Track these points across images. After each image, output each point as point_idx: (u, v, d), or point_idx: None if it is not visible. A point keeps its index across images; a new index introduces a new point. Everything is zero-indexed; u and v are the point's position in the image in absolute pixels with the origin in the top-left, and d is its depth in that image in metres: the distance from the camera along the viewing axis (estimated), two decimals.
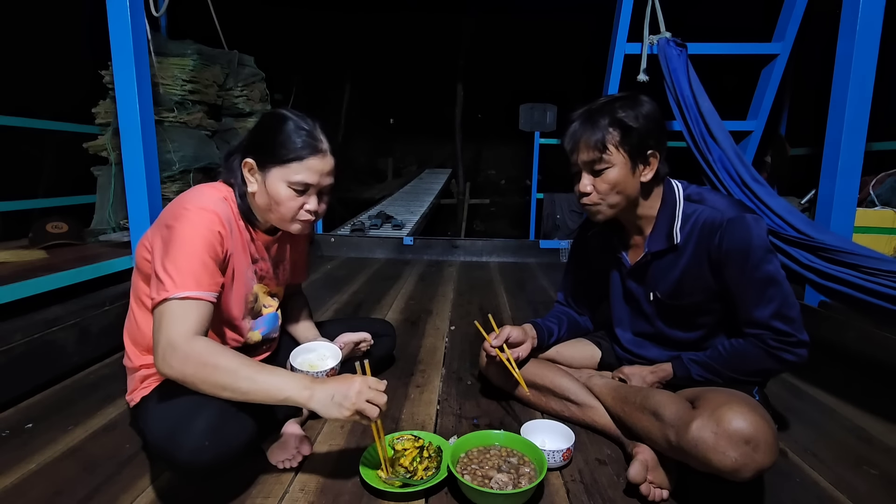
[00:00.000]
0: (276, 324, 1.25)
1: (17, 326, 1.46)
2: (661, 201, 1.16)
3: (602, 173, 1.10)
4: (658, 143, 1.11)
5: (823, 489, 1.05)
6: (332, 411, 0.89)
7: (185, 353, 0.88)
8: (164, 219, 1.01)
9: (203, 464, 0.87)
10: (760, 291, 1.06)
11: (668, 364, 1.20)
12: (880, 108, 1.82)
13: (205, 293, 0.94)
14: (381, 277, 3.09)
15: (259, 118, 1.14)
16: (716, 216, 1.08)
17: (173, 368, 0.88)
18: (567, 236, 4.01)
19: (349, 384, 0.91)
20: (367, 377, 0.94)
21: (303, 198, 1.04)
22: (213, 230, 0.98)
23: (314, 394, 0.89)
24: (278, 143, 1.02)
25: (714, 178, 1.89)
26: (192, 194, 1.03)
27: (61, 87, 3.18)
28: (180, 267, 0.92)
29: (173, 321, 0.90)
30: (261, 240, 1.14)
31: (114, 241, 2.29)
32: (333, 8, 7.78)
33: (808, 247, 1.52)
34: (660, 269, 1.18)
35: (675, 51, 2.15)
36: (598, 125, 1.08)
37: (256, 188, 1.05)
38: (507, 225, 9.07)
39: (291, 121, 1.03)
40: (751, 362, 1.10)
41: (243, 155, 1.07)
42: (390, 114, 10.63)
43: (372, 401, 0.91)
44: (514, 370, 1.27)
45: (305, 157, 1.01)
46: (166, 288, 0.91)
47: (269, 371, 0.91)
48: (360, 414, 0.90)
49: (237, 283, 1.09)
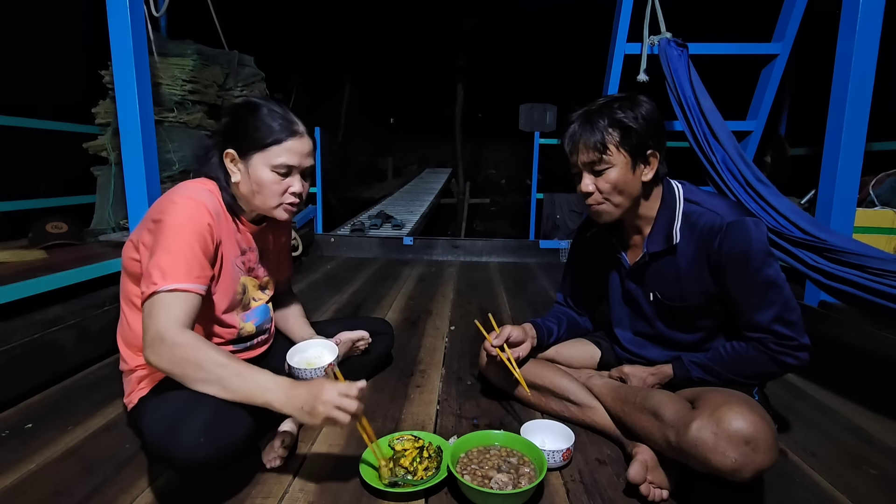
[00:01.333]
0: (268, 315, 1.26)
1: (17, 326, 1.46)
2: (661, 201, 1.16)
3: (603, 173, 1.10)
4: (657, 142, 1.11)
5: (823, 489, 1.05)
6: (304, 418, 0.89)
7: (172, 342, 0.89)
8: (151, 214, 1.02)
9: (200, 461, 0.87)
10: (761, 295, 1.05)
11: (668, 366, 1.20)
12: (880, 108, 1.82)
13: (193, 285, 0.95)
14: (381, 277, 3.09)
15: (230, 110, 1.15)
16: (715, 219, 1.08)
17: (162, 358, 0.89)
18: (567, 236, 4.02)
19: (317, 392, 0.89)
20: (338, 384, 0.92)
21: (287, 180, 1.07)
22: (202, 221, 0.99)
23: (289, 400, 0.89)
24: (256, 130, 1.04)
25: (718, 178, 1.89)
26: (179, 188, 1.04)
27: (61, 86, 3.18)
28: (170, 258, 0.93)
29: (162, 312, 0.91)
30: (248, 230, 1.15)
31: (114, 241, 2.28)
32: (333, 9, 7.78)
33: (814, 247, 1.51)
34: (659, 270, 1.18)
35: (676, 51, 2.15)
36: (597, 126, 1.08)
37: (240, 177, 1.07)
38: (507, 225, 9.07)
39: (264, 106, 1.06)
40: (752, 365, 1.10)
41: (222, 147, 1.09)
42: (390, 114, 10.64)
43: (342, 407, 0.89)
44: (515, 370, 1.27)
45: (284, 140, 1.04)
46: (154, 280, 0.92)
47: (256, 371, 0.92)
48: (332, 422, 0.89)
49: (226, 275, 1.09)
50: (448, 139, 9.57)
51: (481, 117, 10.10)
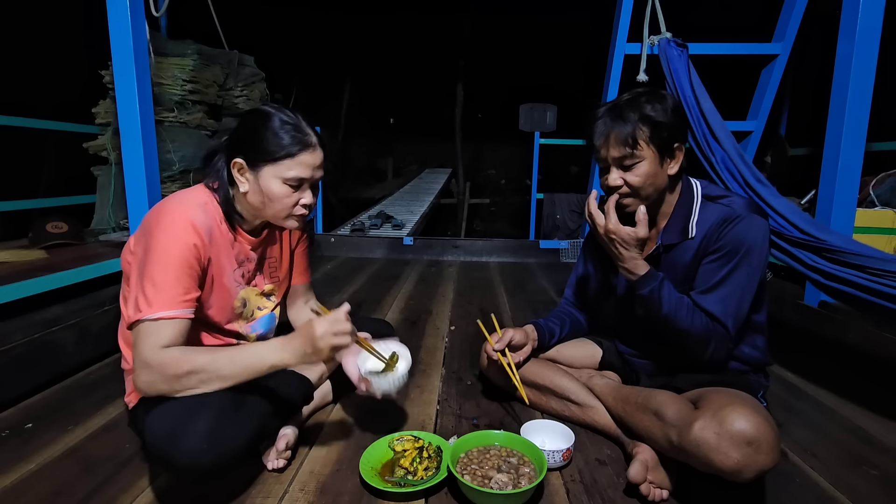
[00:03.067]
0: (273, 323, 1.25)
1: (17, 326, 1.46)
2: (679, 196, 1.18)
3: (632, 168, 1.11)
4: (683, 136, 1.13)
5: (823, 489, 1.05)
6: (312, 360, 0.93)
7: (158, 363, 0.90)
8: (146, 225, 1.01)
9: (201, 466, 0.87)
10: (720, 284, 1.08)
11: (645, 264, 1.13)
12: (880, 108, 1.82)
13: (178, 311, 0.94)
14: (381, 277, 3.09)
15: (241, 117, 1.12)
16: (730, 213, 1.09)
17: (154, 383, 0.91)
18: (567, 236, 4.02)
19: (311, 333, 0.92)
20: (324, 317, 0.95)
21: (297, 193, 1.05)
22: (188, 244, 0.97)
23: (291, 354, 0.93)
24: (267, 141, 1.01)
25: (717, 178, 1.89)
26: (171, 203, 1.02)
27: (61, 86, 3.18)
28: (153, 288, 0.93)
29: (145, 341, 0.91)
30: (246, 241, 1.13)
31: (114, 241, 2.28)
32: (333, 9, 7.78)
33: (813, 248, 1.52)
34: (670, 263, 1.19)
35: (676, 51, 2.15)
36: (628, 120, 1.09)
37: (248, 187, 1.05)
38: (507, 225, 9.08)
39: (276, 117, 1.03)
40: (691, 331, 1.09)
41: (230, 155, 1.06)
42: (390, 114, 10.64)
43: (338, 333, 0.92)
44: (515, 377, 1.27)
45: (297, 154, 1.02)
46: (140, 308, 0.92)
47: (243, 349, 0.94)
48: (337, 349, 0.93)
49: (219, 291, 1.08)
50: (448, 139, 9.58)
51: (481, 117, 10.10)
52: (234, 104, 2.97)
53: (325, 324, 0.93)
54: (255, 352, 0.95)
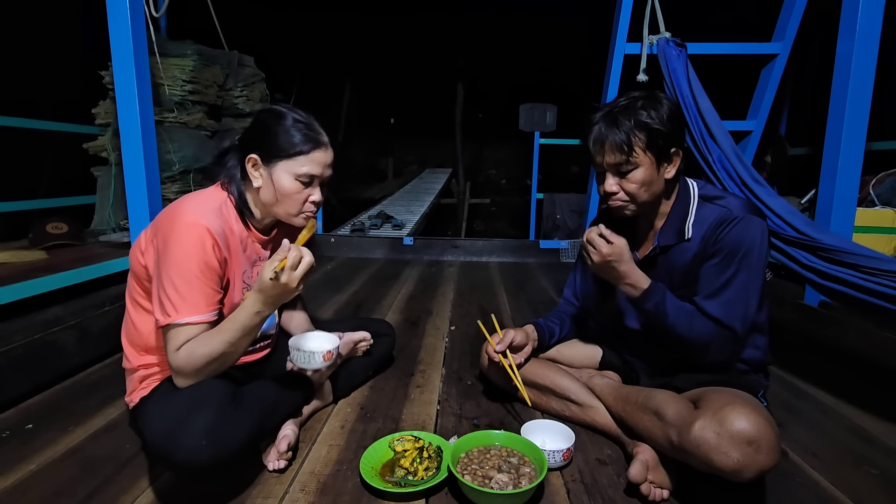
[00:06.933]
0: (273, 321, 1.27)
1: (18, 327, 1.46)
2: (676, 197, 1.18)
3: (628, 174, 1.11)
4: (680, 140, 1.12)
5: (824, 489, 1.05)
6: (289, 296, 0.96)
7: (178, 368, 0.97)
8: (158, 226, 1.02)
9: (201, 463, 0.87)
10: (722, 287, 1.07)
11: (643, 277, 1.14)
12: (880, 108, 1.82)
13: (205, 315, 0.99)
14: (381, 277, 3.09)
15: (255, 116, 1.16)
16: (727, 214, 1.09)
17: (188, 380, 0.99)
18: (567, 236, 4.01)
19: (271, 282, 0.93)
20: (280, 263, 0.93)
21: (308, 189, 1.08)
22: (205, 248, 0.99)
23: (266, 299, 0.95)
24: (282, 138, 1.05)
25: (714, 178, 1.89)
26: (186, 205, 1.03)
27: (61, 86, 3.18)
28: (178, 296, 0.96)
29: (172, 344, 0.97)
30: (257, 240, 1.16)
31: (114, 241, 2.29)
32: (333, 9, 7.77)
33: (808, 247, 1.52)
34: (667, 264, 1.19)
35: (675, 51, 2.15)
36: (622, 127, 1.08)
37: (262, 182, 1.08)
38: (507, 225, 9.07)
39: (290, 115, 1.08)
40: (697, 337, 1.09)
41: (244, 152, 1.09)
42: (390, 114, 10.62)
43: (297, 264, 0.94)
44: (517, 379, 1.27)
45: (310, 151, 1.06)
46: (167, 313, 0.96)
47: (231, 319, 0.98)
48: (305, 276, 0.95)
49: (232, 291, 1.10)
50: (448, 139, 9.56)
51: (481, 117, 10.08)
52: (234, 104, 2.97)
53: (288, 266, 0.94)
54: (239, 316, 0.97)
